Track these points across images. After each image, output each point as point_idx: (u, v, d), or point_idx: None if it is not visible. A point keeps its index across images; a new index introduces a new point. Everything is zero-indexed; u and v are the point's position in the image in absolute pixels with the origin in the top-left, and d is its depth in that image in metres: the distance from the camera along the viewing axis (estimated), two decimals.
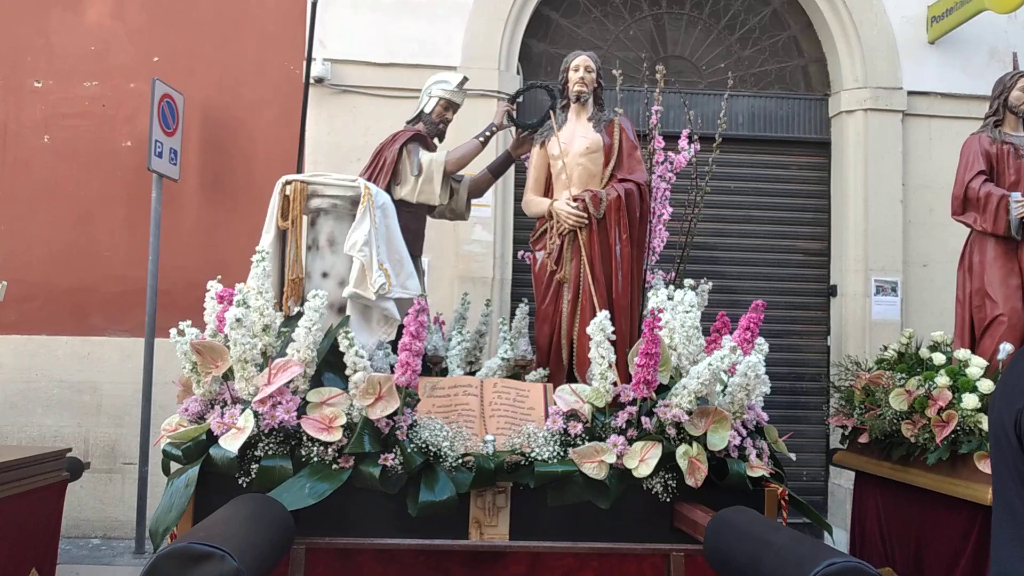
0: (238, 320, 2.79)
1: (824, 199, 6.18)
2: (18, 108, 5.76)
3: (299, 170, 4.86)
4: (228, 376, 2.86)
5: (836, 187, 6.10)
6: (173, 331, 2.92)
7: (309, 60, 4.96)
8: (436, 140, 4.17)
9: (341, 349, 2.84)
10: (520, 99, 4.12)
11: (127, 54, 5.81)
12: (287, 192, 3.32)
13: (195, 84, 5.71)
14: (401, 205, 3.74)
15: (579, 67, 3.87)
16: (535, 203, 3.88)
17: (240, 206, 5.67)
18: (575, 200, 3.65)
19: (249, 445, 2.68)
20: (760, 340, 3.25)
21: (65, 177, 5.71)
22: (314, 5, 5.07)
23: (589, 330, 2.95)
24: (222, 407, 2.80)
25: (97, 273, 5.63)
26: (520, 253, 4.42)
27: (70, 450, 4.54)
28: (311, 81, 5.18)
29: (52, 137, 5.76)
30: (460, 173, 4.13)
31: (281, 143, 5.66)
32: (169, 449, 2.75)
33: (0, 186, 5.68)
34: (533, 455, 2.77)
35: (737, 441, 2.87)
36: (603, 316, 2.95)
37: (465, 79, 4.21)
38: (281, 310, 3.21)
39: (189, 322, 2.94)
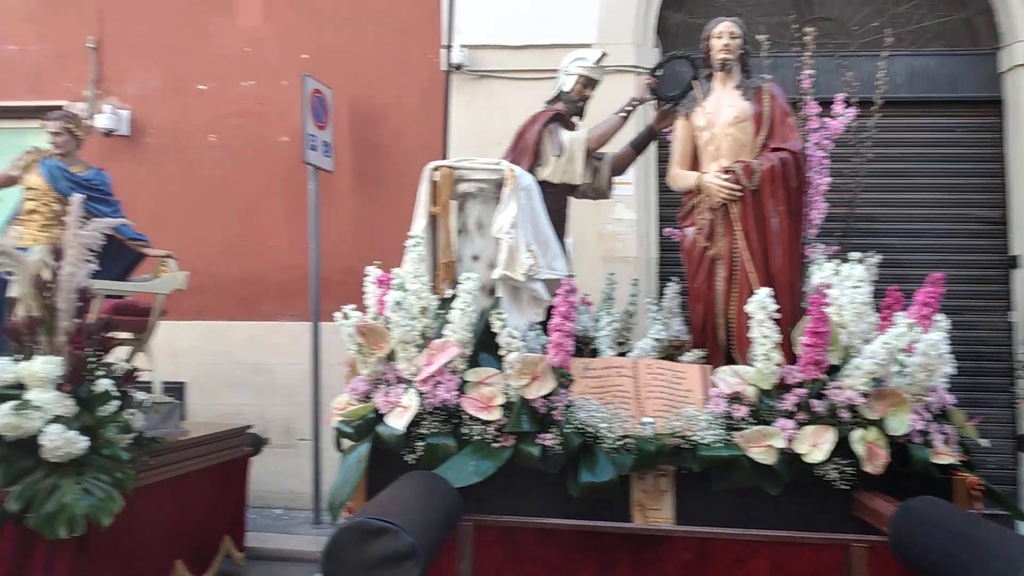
0: (398, 303, 2.92)
1: (997, 162, 5.65)
2: (186, 111, 6.24)
3: (444, 156, 4.99)
4: (391, 357, 3.00)
5: (1013, 148, 5.56)
6: (337, 315, 3.08)
7: (449, 47, 5.04)
8: (576, 118, 4.15)
9: (494, 330, 2.91)
10: (660, 71, 4.02)
11: (278, 53, 6.16)
12: (435, 178, 3.42)
13: (342, 78, 5.97)
14: (544, 186, 3.76)
15: (722, 34, 3.73)
16: (682, 177, 3.79)
17: (390, 194, 5.90)
18: (726, 172, 3.53)
19: (414, 423, 2.80)
20: (939, 316, 3.03)
21: (231, 174, 6.15)
22: None
23: (749, 308, 2.87)
24: (387, 386, 2.95)
25: (264, 263, 6.04)
26: (667, 230, 4.34)
27: (251, 427, 4.94)
28: (450, 68, 5.28)
29: (218, 136, 6.20)
30: (602, 150, 4.10)
31: (424, 131, 5.83)
32: (340, 427, 2.93)
33: (175, 184, 6.18)
34: (695, 439, 2.73)
35: (920, 425, 2.70)
36: (765, 293, 2.85)
37: (604, 55, 4.16)
38: (435, 293, 3.32)
39: (352, 306, 3.09)
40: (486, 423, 2.78)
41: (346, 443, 2.95)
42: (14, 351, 3.44)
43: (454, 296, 3.03)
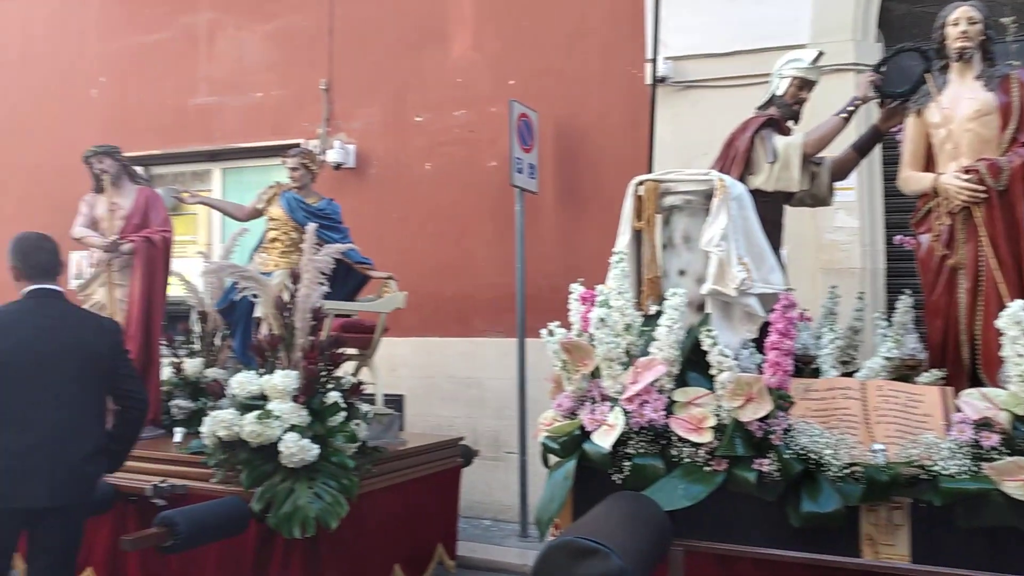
0: (602, 320, 2.89)
1: None
2: (405, 141, 6.67)
3: (649, 170, 4.91)
4: (595, 374, 2.97)
5: None
6: (543, 331, 3.11)
7: (655, 60, 4.97)
8: (791, 123, 3.91)
9: (704, 348, 2.78)
10: (885, 67, 3.69)
11: (487, 82, 6.41)
12: (640, 192, 3.35)
13: (547, 100, 6.09)
14: (757, 195, 3.56)
15: (959, 20, 3.35)
16: (915, 179, 3.44)
17: (593, 211, 5.92)
18: (967, 172, 3.16)
19: (620, 442, 2.75)
20: None
21: (444, 199, 6.48)
22: (656, 4, 5.08)
23: (1000, 324, 2.52)
24: (592, 404, 2.92)
25: (474, 281, 6.29)
26: (897, 238, 3.95)
27: (463, 439, 5.13)
28: (655, 81, 5.21)
29: (433, 164, 6.56)
30: (820, 155, 3.83)
31: (627, 147, 5.80)
32: (547, 442, 2.94)
33: (395, 211, 6.62)
34: (936, 469, 2.43)
35: None
36: (1019, 307, 2.50)
37: (820, 54, 3.90)
38: (640, 309, 3.25)
39: (557, 323, 3.10)
40: (696, 445, 2.66)
41: (552, 459, 2.95)
42: (258, 366, 3.83)
43: (659, 312, 2.94)
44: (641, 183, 3.33)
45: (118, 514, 3.87)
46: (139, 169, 5.14)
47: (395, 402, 5.17)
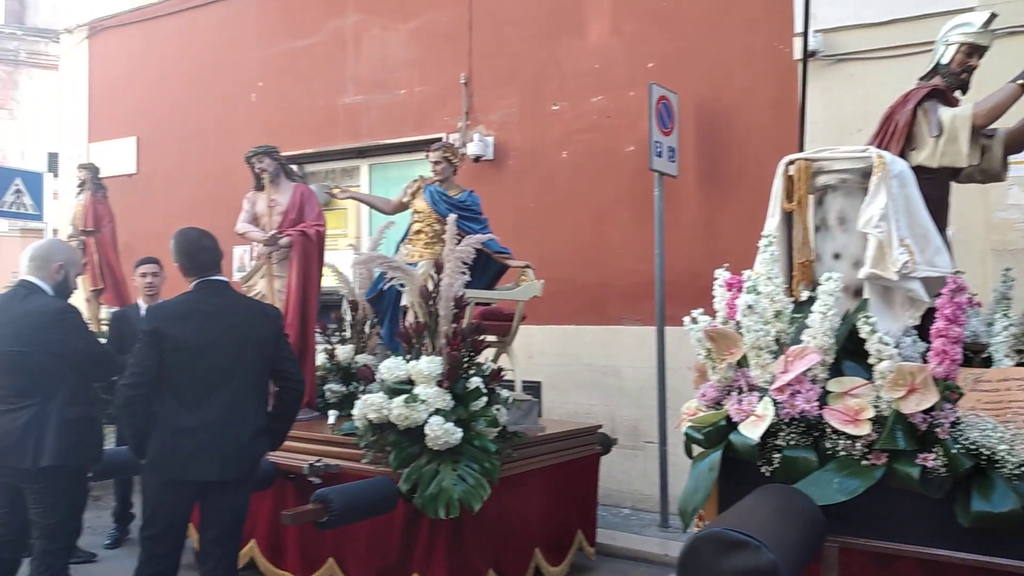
0: (749, 307, 2.78)
1: None
2: (542, 131, 6.69)
3: (800, 149, 4.67)
4: (742, 363, 2.86)
5: None
6: (686, 319, 3.02)
7: (806, 33, 4.72)
8: (958, 93, 3.60)
9: (861, 335, 2.62)
10: None
11: (624, 66, 6.32)
12: (790, 172, 3.19)
13: (687, 82, 5.93)
14: (919, 172, 3.30)
15: None
16: None
17: (736, 194, 5.72)
18: None
19: (769, 434, 2.64)
20: None
21: (580, 186, 6.45)
22: None
23: None
24: (739, 394, 2.82)
25: (611, 269, 6.24)
26: None
27: (601, 427, 5.11)
28: (805, 56, 4.94)
29: (569, 152, 6.55)
30: (992, 126, 3.50)
31: (774, 126, 5.55)
32: (691, 433, 2.87)
33: (532, 200, 6.67)
34: None
35: None
36: None
37: (992, 16, 3.56)
38: (791, 295, 3.10)
39: (700, 310, 3.02)
40: (853, 438, 2.51)
41: (696, 449, 2.88)
42: (405, 352, 3.97)
43: (812, 298, 2.80)
44: (792, 162, 3.17)
45: (278, 490, 4.13)
46: (294, 167, 5.45)
47: (532, 389, 5.21)
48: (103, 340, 4.50)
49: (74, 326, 3.33)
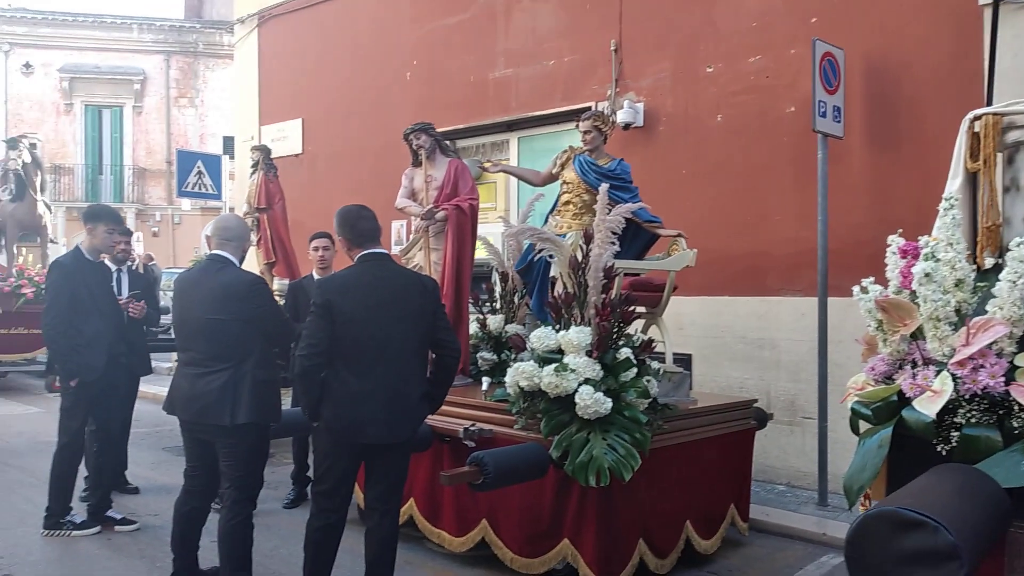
0: (927, 275, 2.58)
1: None
2: (695, 94, 6.47)
3: (987, 103, 4.25)
4: (917, 335, 2.67)
5: None
6: (855, 288, 2.85)
7: None
8: None
9: None
10: None
11: (785, 23, 5.97)
12: (976, 129, 2.92)
13: (853, 36, 5.54)
14: None
15: None
16: None
17: (909, 155, 5.30)
18: None
19: (947, 410, 2.45)
20: None
21: (736, 151, 6.20)
22: None
23: None
24: (912, 367, 2.63)
25: (769, 237, 5.97)
26: None
27: (756, 401, 4.94)
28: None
29: (724, 116, 6.30)
30: None
31: (953, 80, 5.09)
32: (858, 408, 2.72)
33: (684, 166, 6.49)
34: None
35: None
36: None
37: None
38: (975, 263, 2.85)
39: (871, 279, 2.83)
40: None
41: (863, 425, 2.72)
42: (554, 322, 4.00)
43: (999, 265, 2.56)
44: (978, 118, 2.90)
45: (435, 453, 4.30)
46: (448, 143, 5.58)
47: (683, 361, 5.09)
48: None
49: (263, 296, 3.61)
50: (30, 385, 11.06)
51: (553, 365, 3.70)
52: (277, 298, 5.63)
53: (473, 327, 5.26)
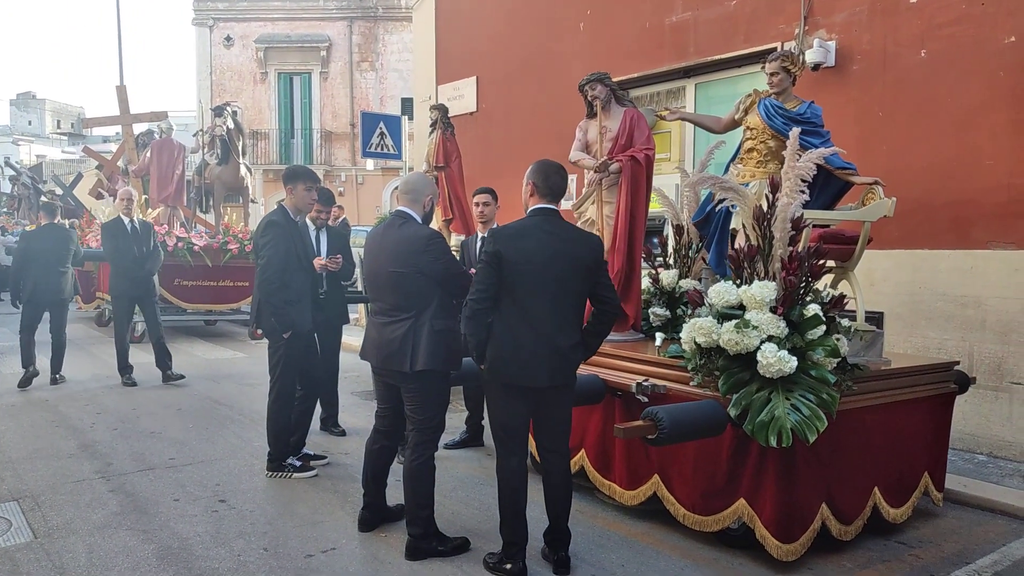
0: None
1: None
2: (895, 28, 5.90)
3: None
4: None
5: None
6: None
7: None
8: None
9: None
10: None
11: None
12: None
13: None
14: None
15: None
16: None
17: None
18: None
19: None
20: None
21: (941, 88, 5.62)
22: None
23: None
24: None
25: (978, 184, 5.40)
26: None
27: (957, 363, 4.53)
28: None
29: (929, 50, 5.71)
30: None
31: None
32: None
33: (881, 106, 5.96)
34: None
35: None
36: None
37: None
38: None
39: None
40: None
41: None
42: (733, 276, 3.84)
43: None
44: None
45: (607, 406, 4.31)
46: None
47: (874, 320, 4.76)
48: None
49: (441, 250, 3.75)
50: (236, 332, 12.22)
51: (734, 321, 3.57)
52: (454, 253, 5.83)
53: (645, 282, 5.18)
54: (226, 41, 24.93)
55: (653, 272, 5.21)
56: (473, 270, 3.73)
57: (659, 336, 4.68)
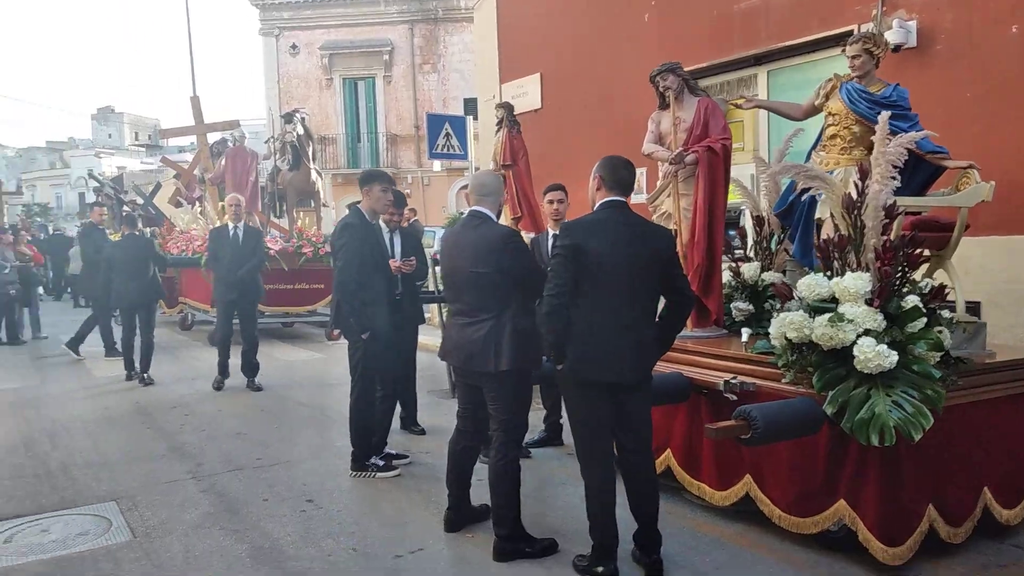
0: None
1: None
2: (983, 5, 5.62)
3: None
4: None
5: None
6: None
7: None
8: None
9: None
10: None
11: None
12: None
13: None
14: None
15: None
16: None
17: None
18: None
19: None
20: None
21: None
22: None
23: None
24: None
25: None
26: None
27: None
28: None
29: (1019, 27, 5.41)
30: None
31: None
32: None
33: (969, 87, 5.68)
34: None
35: None
36: None
37: None
38: None
39: None
40: None
41: None
42: (822, 268, 3.70)
43: None
44: None
45: (692, 405, 4.20)
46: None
47: (971, 310, 4.52)
48: None
49: (519, 249, 3.73)
50: (313, 334, 12.47)
51: (827, 315, 3.43)
52: None
53: (726, 276, 5.04)
54: (292, 49, 25.47)
55: (734, 265, 5.07)
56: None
57: (745, 332, 4.54)
